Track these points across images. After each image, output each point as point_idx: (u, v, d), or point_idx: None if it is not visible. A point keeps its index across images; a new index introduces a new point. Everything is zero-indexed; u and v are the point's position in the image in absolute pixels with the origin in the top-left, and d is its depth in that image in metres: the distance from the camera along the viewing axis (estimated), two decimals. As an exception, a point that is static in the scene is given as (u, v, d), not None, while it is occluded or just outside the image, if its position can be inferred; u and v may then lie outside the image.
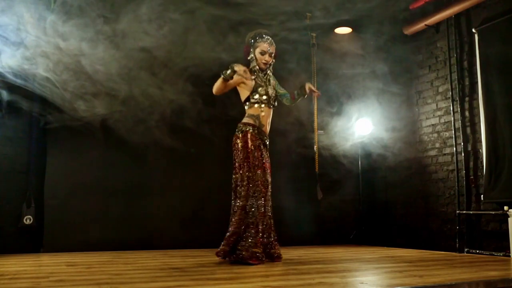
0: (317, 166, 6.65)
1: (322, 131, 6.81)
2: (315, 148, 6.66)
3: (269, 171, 4.20)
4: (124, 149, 5.75)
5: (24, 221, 5.29)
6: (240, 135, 4.14)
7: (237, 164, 4.15)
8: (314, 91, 4.30)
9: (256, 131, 4.15)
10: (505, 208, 4.79)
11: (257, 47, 4.20)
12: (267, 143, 4.28)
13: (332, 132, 6.87)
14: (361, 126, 6.78)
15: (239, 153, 4.13)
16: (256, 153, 4.08)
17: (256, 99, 4.17)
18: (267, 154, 4.23)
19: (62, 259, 4.46)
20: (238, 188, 4.11)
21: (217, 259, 4.16)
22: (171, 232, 5.83)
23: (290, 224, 6.27)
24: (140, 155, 5.83)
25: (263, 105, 4.18)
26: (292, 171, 6.50)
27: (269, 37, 4.24)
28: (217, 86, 4.14)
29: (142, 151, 5.80)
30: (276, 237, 4.22)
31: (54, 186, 5.48)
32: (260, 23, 5.09)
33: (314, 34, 6.53)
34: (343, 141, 6.81)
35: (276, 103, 4.33)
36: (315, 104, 6.69)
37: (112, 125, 5.43)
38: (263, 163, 4.14)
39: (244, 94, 4.26)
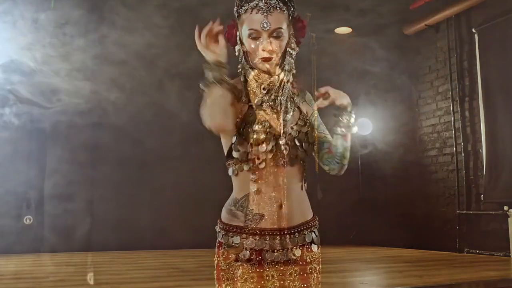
0: (317, 166, 6.61)
1: (322, 131, 6.80)
2: (315, 148, 6.65)
3: None
4: (124, 149, 5.75)
5: (24, 221, 5.29)
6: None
7: None
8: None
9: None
10: (505, 208, 4.79)
11: (243, 23, 1.59)
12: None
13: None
14: (361, 126, 6.77)
15: None
16: None
17: (242, 150, 1.61)
18: None
19: (62, 259, 4.45)
20: None
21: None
22: (171, 232, 5.82)
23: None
24: (140, 155, 5.83)
25: (262, 163, 1.59)
26: (292, 171, 6.49)
27: None
28: (209, 111, 1.54)
29: (142, 152, 5.79)
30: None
31: (54, 186, 5.48)
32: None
33: (314, 34, 6.51)
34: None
35: (302, 153, 1.70)
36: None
37: (112, 125, 5.43)
38: None
39: (226, 142, 1.71)
